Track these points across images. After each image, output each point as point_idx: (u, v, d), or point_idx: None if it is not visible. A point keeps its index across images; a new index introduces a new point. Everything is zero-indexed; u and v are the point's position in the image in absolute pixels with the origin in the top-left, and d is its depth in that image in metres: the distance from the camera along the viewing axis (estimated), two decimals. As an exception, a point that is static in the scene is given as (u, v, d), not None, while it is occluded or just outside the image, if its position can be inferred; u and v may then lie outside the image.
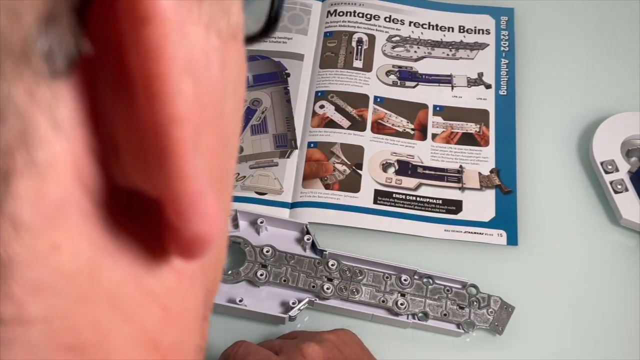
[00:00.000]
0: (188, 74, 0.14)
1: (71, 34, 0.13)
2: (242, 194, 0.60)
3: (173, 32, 0.13)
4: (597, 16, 0.73)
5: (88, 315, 0.15)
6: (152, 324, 0.17)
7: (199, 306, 0.20)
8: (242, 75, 0.19)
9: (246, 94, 0.66)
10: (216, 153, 0.17)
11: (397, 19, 0.72)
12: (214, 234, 0.16)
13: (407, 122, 0.65)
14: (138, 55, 0.13)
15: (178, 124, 0.14)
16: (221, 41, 0.16)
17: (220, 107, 0.16)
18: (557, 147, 0.64)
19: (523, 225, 0.59)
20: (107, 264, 0.15)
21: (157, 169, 0.14)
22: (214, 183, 0.16)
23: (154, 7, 0.13)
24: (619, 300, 0.56)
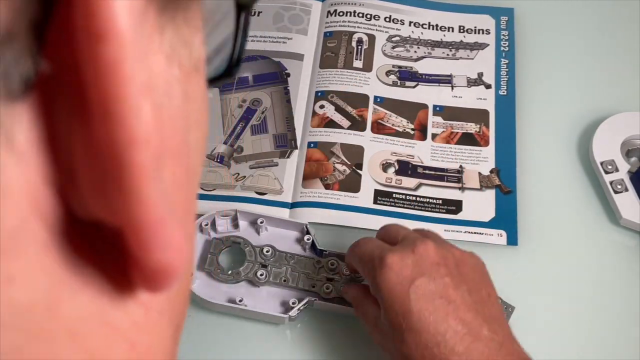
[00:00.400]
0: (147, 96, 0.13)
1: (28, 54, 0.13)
2: (242, 194, 0.60)
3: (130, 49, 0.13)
4: (597, 16, 0.73)
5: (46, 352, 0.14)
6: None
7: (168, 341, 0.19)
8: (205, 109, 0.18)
9: (246, 94, 0.66)
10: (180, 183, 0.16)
11: (397, 19, 0.72)
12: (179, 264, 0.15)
13: (407, 122, 0.65)
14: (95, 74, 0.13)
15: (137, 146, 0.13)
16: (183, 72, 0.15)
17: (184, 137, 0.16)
18: (557, 147, 0.64)
19: (523, 225, 0.59)
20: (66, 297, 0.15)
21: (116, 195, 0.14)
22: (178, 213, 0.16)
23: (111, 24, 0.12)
24: (619, 300, 0.56)
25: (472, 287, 0.44)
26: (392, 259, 0.44)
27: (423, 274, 0.43)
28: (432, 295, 0.43)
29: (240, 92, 0.67)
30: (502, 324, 0.44)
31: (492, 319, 0.43)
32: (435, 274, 0.43)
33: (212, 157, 0.63)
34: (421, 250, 0.44)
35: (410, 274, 0.43)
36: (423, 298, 0.42)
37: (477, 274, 0.46)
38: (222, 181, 0.61)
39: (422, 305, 0.42)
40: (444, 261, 0.44)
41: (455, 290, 0.43)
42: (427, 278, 0.43)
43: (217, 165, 0.62)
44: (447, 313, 0.42)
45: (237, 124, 0.65)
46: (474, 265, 0.46)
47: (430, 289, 0.43)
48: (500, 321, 0.44)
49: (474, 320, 0.42)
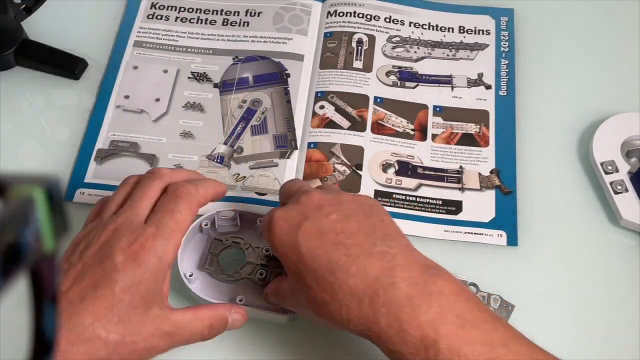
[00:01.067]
0: None
1: None
2: (242, 194, 0.60)
3: None
4: (597, 16, 0.73)
5: None
6: None
7: None
8: None
9: (246, 94, 0.66)
10: None
11: (397, 20, 0.72)
12: None
13: (407, 123, 0.65)
14: None
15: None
16: None
17: None
18: (557, 147, 0.64)
19: (523, 225, 0.59)
20: None
21: None
22: None
23: None
24: (619, 300, 0.56)
25: (361, 217, 0.44)
26: (277, 216, 0.44)
27: (308, 218, 0.43)
28: (320, 233, 0.43)
29: (240, 93, 0.67)
30: (397, 239, 0.43)
31: (384, 237, 0.43)
32: (320, 214, 0.44)
33: (212, 157, 0.63)
34: (304, 200, 0.45)
35: (296, 222, 0.44)
36: (312, 238, 0.43)
37: (367, 208, 0.45)
38: (222, 182, 0.61)
39: (311, 245, 0.42)
40: (328, 202, 0.44)
41: (343, 223, 0.43)
42: (313, 219, 0.43)
43: (217, 165, 0.62)
44: (337, 243, 0.42)
45: (237, 124, 0.65)
46: (362, 202, 0.46)
47: (317, 228, 0.43)
48: (396, 237, 0.44)
49: (366, 242, 0.42)
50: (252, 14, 0.72)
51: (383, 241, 0.43)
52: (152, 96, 0.66)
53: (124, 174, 0.61)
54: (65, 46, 0.68)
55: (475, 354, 0.38)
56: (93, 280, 0.42)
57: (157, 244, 0.44)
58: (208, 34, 0.71)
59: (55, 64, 0.67)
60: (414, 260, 0.42)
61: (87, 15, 0.73)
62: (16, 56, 0.67)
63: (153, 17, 0.72)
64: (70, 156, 0.63)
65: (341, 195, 0.46)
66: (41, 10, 0.68)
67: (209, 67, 0.68)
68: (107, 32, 0.71)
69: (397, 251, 0.42)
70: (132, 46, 0.70)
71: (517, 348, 0.39)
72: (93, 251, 0.43)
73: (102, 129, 0.64)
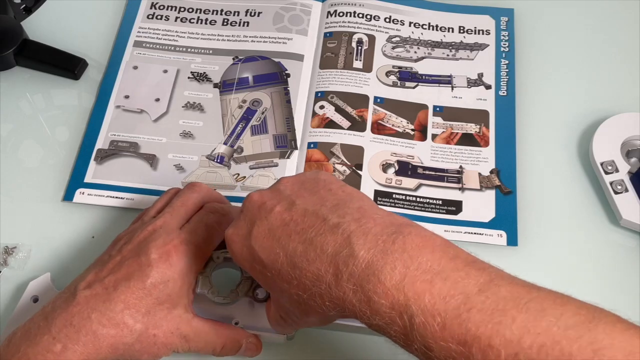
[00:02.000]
0: None
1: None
2: (242, 194, 0.60)
3: None
4: (597, 16, 0.73)
5: None
6: None
7: None
8: None
9: (246, 94, 0.66)
10: None
11: (397, 20, 0.72)
12: None
13: (407, 123, 0.65)
14: None
15: None
16: None
17: None
18: (557, 147, 0.64)
19: (523, 225, 0.59)
20: None
21: None
22: None
23: None
24: (619, 300, 0.56)
25: (306, 197, 0.41)
26: (229, 234, 0.43)
27: (255, 222, 0.41)
28: (270, 232, 0.40)
29: (240, 93, 0.67)
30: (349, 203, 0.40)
31: (336, 207, 0.40)
32: (264, 213, 0.41)
33: (212, 157, 0.63)
34: (246, 205, 0.43)
35: (246, 231, 0.42)
36: (264, 240, 0.40)
37: (311, 184, 0.42)
38: (222, 182, 0.61)
39: (266, 246, 0.40)
40: (268, 197, 0.42)
41: (289, 211, 0.40)
42: (259, 221, 0.41)
43: (217, 165, 0.62)
44: (288, 234, 0.39)
45: (237, 124, 0.65)
46: (304, 180, 0.43)
47: (266, 227, 0.41)
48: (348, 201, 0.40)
49: (316, 221, 0.39)
50: (252, 14, 0.72)
51: (334, 212, 0.39)
52: (152, 96, 0.66)
53: (124, 174, 0.62)
54: (65, 46, 0.68)
55: (450, 309, 0.34)
56: (128, 272, 0.45)
57: (189, 249, 0.47)
58: (208, 34, 0.71)
59: (55, 64, 0.67)
60: (370, 222, 0.38)
61: (87, 15, 0.73)
62: (16, 56, 0.67)
63: (153, 17, 0.72)
64: (70, 156, 0.63)
65: (280, 183, 0.44)
66: (41, 10, 0.68)
67: (209, 67, 0.68)
68: (107, 32, 0.71)
69: (350, 218, 0.38)
70: (132, 46, 0.70)
71: (495, 291, 0.34)
72: (132, 246, 0.47)
73: (102, 128, 0.64)
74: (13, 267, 0.56)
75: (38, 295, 0.53)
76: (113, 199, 0.60)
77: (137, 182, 0.61)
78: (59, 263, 0.57)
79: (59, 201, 0.60)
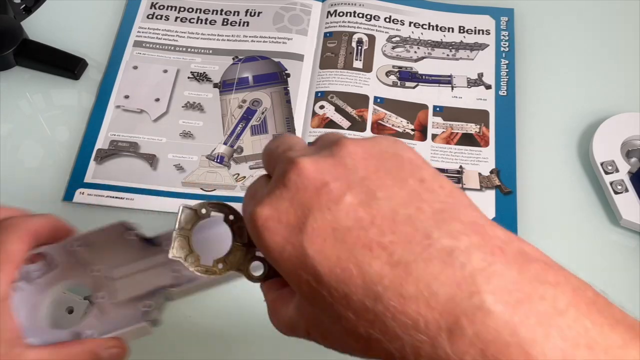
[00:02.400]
0: None
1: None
2: (242, 194, 0.60)
3: None
4: (597, 16, 0.73)
5: None
6: None
7: None
8: None
9: (246, 94, 0.66)
10: None
11: (397, 20, 0.72)
12: None
13: (407, 123, 0.65)
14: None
15: None
16: None
17: None
18: (557, 147, 0.64)
19: (523, 226, 0.59)
20: None
21: None
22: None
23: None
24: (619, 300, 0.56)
25: (390, 186, 0.28)
26: (262, 214, 0.29)
27: (310, 211, 0.28)
28: (336, 233, 0.27)
29: (240, 93, 0.67)
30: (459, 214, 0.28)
31: (440, 215, 0.27)
32: (325, 201, 0.28)
33: (212, 157, 0.63)
34: (293, 179, 0.29)
35: (294, 220, 0.28)
36: (327, 245, 0.27)
37: (391, 163, 0.29)
38: (222, 182, 0.61)
39: (330, 256, 0.27)
40: (331, 176, 0.28)
41: (367, 207, 0.27)
42: (319, 212, 0.28)
43: (217, 165, 0.62)
44: (369, 244, 0.27)
45: (237, 124, 0.65)
46: (380, 154, 0.29)
47: (330, 226, 0.27)
48: (455, 210, 0.28)
49: (415, 234, 0.27)
50: (252, 14, 0.72)
51: (440, 226, 0.27)
52: (152, 96, 0.66)
53: (124, 174, 0.62)
54: (65, 46, 0.68)
55: None
56: None
57: None
58: (208, 34, 0.71)
59: (55, 64, 0.67)
60: (498, 253, 0.27)
61: (87, 15, 0.73)
62: (16, 56, 0.67)
63: (153, 17, 0.72)
64: (70, 156, 0.63)
65: (343, 150, 0.29)
66: (41, 10, 0.68)
67: (209, 67, 0.68)
68: (107, 32, 0.71)
69: (467, 242, 0.26)
70: (132, 46, 0.70)
71: None
72: None
73: (102, 128, 0.64)
74: (13, 267, 0.56)
75: (38, 295, 0.53)
76: (113, 199, 0.60)
77: (137, 182, 0.61)
78: (59, 263, 0.57)
79: (59, 201, 0.60)
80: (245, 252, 0.35)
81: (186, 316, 0.54)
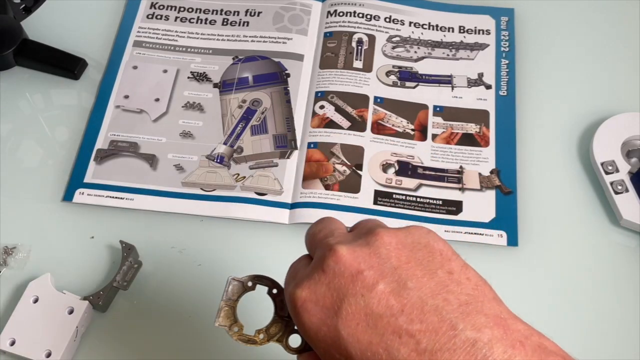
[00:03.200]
0: None
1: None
2: (242, 194, 0.60)
3: None
4: (597, 16, 0.73)
5: None
6: None
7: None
8: None
9: (246, 94, 0.66)
10: None
11: (397, 20, 0.72)
12: None
13: (407, 123, 0.65)
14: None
15: None
16: None
17: None
18: (558, 147, 0.64)
19: (523, 225, 0.59)
20: None
21: None
22: None
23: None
24: (619, 300, 0.56)
25: (420, 277, 0.31)
26: (301, 296, 0.32)
27: (345, 296, 0.31)
28: (369, 320, 0.30)
29: (240, 93, 0.67)
30: (483, 307, 0.30)
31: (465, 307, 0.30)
32: (360, 288, 0.31)
33: (212, 157, 0.63)
34: (331, 264, 0.32)
35: (330, 304, 0.31)
36: (359, 329, 0.30)
37: (422, 254, 0.32)
38: (222, 182, 0.61)
39: (362, 340, 0.30)
40: (366, 264, 0.32)
41: (398, 295, 0.30)
42: (353, 298, 0.31)
43: (217, 165, 0.62)
44: (398, 331, 0.29)
45: (237, 124, 0.65)
46: (413, 245, 0.33)
47: (363, 311, 0.30)
48: (479, 303, 0.31)
49: (440, 325, 0.29)
50: (252, 13, 0.72)
51: (465, 318, 0.29)
52: (151, 96, 0.66)
53: (124, 174, 0.62)
54: (65, 46, 0.68)
55: None
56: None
57: None
58: (208, 34, 0.71)
59: (55, 64, 0.67)
60: (519, 349, 0.29)
61: (87, 15, 0.73)
62: (16, 56, 0.67)
63: (153, 17, 0.72)
64: (69, 156, 0.63)
65: (378, 239, 0.33)
66: (41, 10, 0.67)
67: (209, 67, 0.68)
68: (107, 32, 0.71)
69: (490, 335, 0.29)
70: (131, 46, 0.70)
71: None
72: None
73: (102, 128, 0.64)
74: (13, 267, 0.56)
75: (38, 295, 0.53)
76: (113, 199, 0.60)
77: (137, 182, 0.61)
78: (58, 263, 0.57)
79: (58, 201, 0.60)
80: (285, 325, 0.39)
81: None
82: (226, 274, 0.57)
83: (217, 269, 0.57)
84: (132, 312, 0.55)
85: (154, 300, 0.56)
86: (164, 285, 0.56)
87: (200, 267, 0.57)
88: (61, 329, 0.52)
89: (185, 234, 0.59)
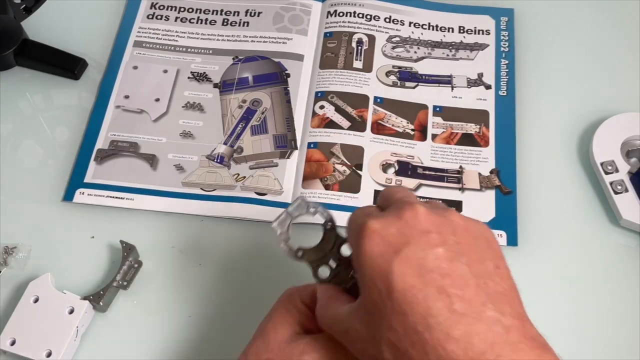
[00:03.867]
0: None
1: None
2: (242, 194, 0.60)
3: None
4: (597, 16, 0.73)
5: None
6: None
7: None
8: None
9: (246, 94, 0.66)
10: None
11: (397, 20, 0.72)
12: None
13: (407, 123, 0.65)
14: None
15: None
16: None
17: None
18: (557, 147, 0.64)
19: (523, 225, 0.59)
20: None
21: None
22: None
23: None
24: (619, 300, 0.56)
25: (472, 258, 0.36)
26: (373, 227, 0.36)
27: (409, 244, 0.35)
28: (421, 269, 0.34)
29: (240, 93, 0.67)
30: (512, 302, 0.35)
31: (498, 295, 0.35)
32: (424, 243, 0.35)
33: (212, 157, 0.63)
34: (408, 216, 0.36)
35: (395, 244, 0.35)
36: (410, 272, 0.34)
37: (481, 243, 0.37)
38: (222, 182, 0.61)
39: (408, 281, 0.34)
40: (436, 228, 0.36)
41: (450, 262, 0.35)
42: (415, 247, 0.35)
43: (217, 165, 0.62)
44: (440, 290, 0.34)
45: (237, 124, 0.65)
46: (477, 233, 0.37)
47: (419, 261, 0.35)
48: (510, 298, 0.36)
49: (475, 298, 0.34)
50: (252, 14, 0.72)
51: (496, 303, 0.34)
52: (152, 96, 0.66)
53: (124, 174, 0.62)
54: (65, 46, 0.68)
55: None
56: None
57: None
58: (208, 34, 0.71)
59: (55, 64, 0.67)
60: (527, 337, 0.34)
61: (87, 15, 0.73)
62: (16, 56, 0.67)
63: (153, 17, 0.72)
64: (70, 156, 0.63)
65: (451, 217, 0.37)
66: (41, 10, 0.68)
67: (209, 67, 0.68)
68: (107, 32, 0.71)
69: (511, 322, 0.34)
70: (132, 46, 0.70)
71: None
72: None
73: (102, 129, 0.64)
74: (13, 267, 0.56)
75: (38, 295, 0.53)
76: (113, 199, 0.60)
77: (137, 182, 0.61)
78: (58, 263, 0.57)
79: (58, 201, 0.60)
80: (322, 256, 0.43)
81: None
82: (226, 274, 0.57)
83: (217, 269, 0.57)
84: (132, 312, 0.55)
85: (154, 300, 0.56)
86: (164, 285, 0.56)
87: (200, 267, 0.57)
88: (61, 328, 0.52)
89: (185, 233, 0.59)
